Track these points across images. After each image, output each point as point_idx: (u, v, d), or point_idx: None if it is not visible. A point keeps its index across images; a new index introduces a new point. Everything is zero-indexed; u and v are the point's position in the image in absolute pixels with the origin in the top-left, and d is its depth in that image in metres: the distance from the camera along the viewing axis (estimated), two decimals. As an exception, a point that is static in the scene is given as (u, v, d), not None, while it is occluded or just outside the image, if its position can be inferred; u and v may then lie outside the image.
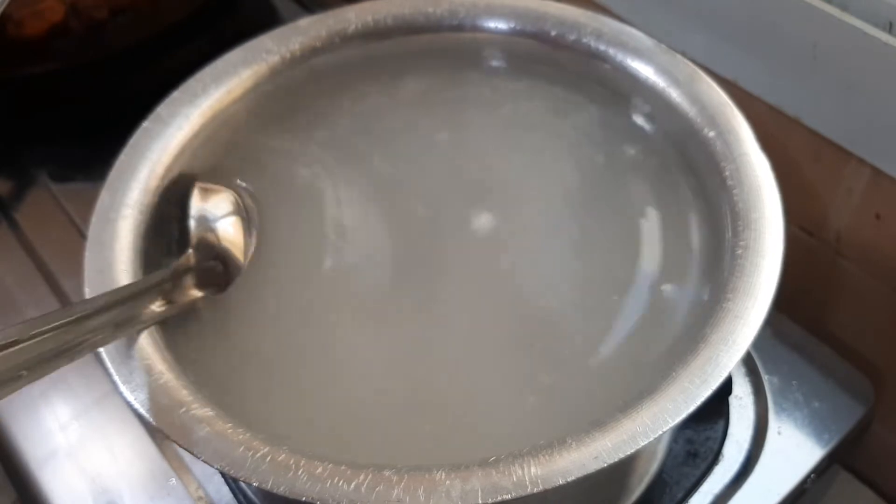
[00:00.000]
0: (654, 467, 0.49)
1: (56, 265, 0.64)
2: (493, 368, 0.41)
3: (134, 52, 0.69)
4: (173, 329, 0.40)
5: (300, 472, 0.33)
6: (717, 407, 0.51)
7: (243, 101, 0.49)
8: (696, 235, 0.44)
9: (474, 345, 0.42)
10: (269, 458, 0.34)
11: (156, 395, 0.36)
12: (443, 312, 0.43)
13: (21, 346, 0.32)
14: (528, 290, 0.43)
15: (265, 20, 0.78)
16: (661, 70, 0.47)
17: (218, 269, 0.42)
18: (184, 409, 0.35)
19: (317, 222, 0.47)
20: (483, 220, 0.46)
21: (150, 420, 0.35)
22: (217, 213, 0.44)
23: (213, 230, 0.43)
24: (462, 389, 0.40)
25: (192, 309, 0.41)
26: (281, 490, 0.33)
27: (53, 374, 0.56)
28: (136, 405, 0.36)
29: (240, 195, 0.45)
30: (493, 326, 0.42)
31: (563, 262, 0.44)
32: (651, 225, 0.45)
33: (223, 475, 0.51)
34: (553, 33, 0.50)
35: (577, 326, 0.42)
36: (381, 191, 0.48)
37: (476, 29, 0.51)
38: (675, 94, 0.46)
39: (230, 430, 0.35)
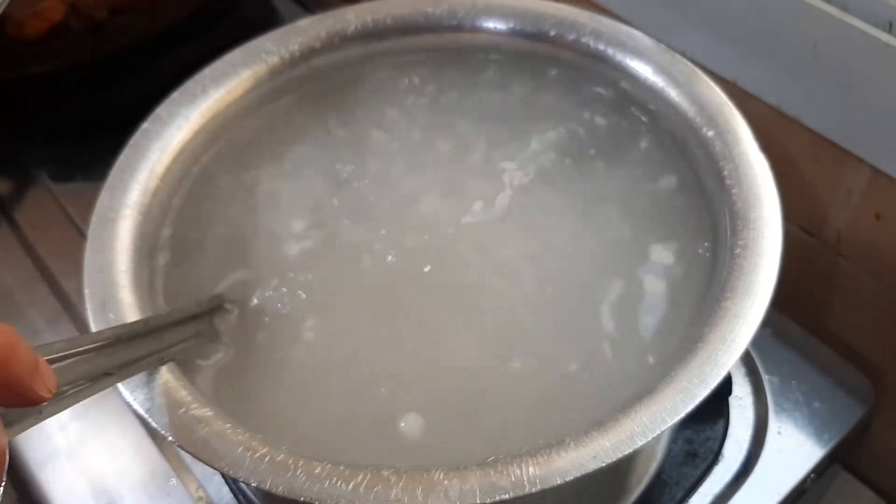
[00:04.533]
0: (653, 467, 0.49)
1: (56, 265, 0.64)
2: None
3: (134, 52, 0.69)
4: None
5: (299, 472, 0.33)
6: (717, 407, 0.51)
7: (243, 102, 0.49)
8: (695, 234, 0.44)
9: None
10: (267, 459, 0.34)
11: (156, 395, 0.36)
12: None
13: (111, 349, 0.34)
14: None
15: (265, 20, 0.78)
16: (661, 70, 0.47)
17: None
18: (183, 409, 0.36)
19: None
20: (480, 213, 0.46)
21: (150, 420, 0.35)
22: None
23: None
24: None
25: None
26: (280, 490, 0.33)
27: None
28: (136, 405, 0.36)
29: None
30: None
31: (561, 254, 0.45)
32: (649, 222, 0.45)
33: (223, 475, 0.51)
34: (552, 33, 0.50)
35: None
36: (378, 191, 0.48)
37: (475, 29, 0.51)
38: (674, 94, 0.46)
39: (230, 430, 0.35)
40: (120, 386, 0.36)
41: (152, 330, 0.37)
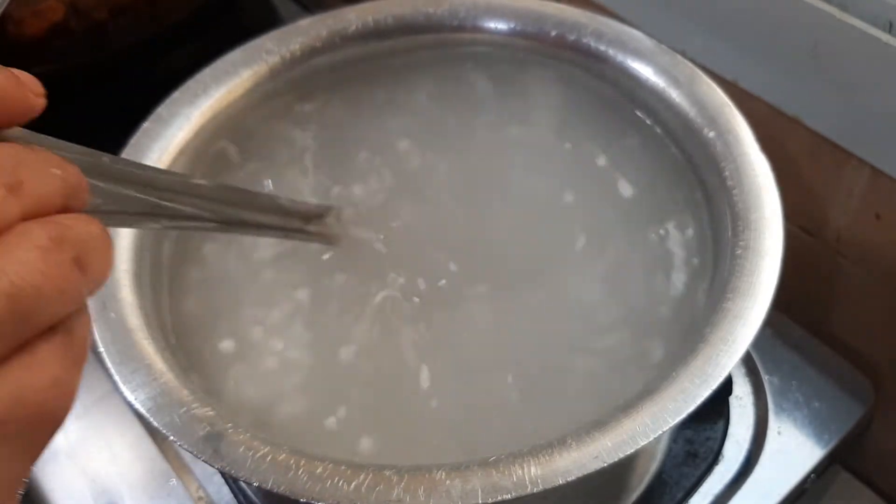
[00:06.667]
0: (654, 467, 0.49)
1: (56, 265, 0.64)
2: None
3: (134, 52, 0.69)
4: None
5: (300, 471, 0.33)
6: (717, 407, 0.51)
7: (243, 102, 0.49)
8: (695, 234, 0.44)
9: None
10: (269, 458, 0.34)
11: (156, 395, 0.36)
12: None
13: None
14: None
15: (265, 20, 0.78)
16: (662, 70, 0.47)
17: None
18: (184, 409, 0.36)
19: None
20: (481, 216, 0.46)
21: (150, 420, 0.35)
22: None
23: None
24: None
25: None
26: (281, 490, 0.33)
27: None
28: (137, 405, 0.36)
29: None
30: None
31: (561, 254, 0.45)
32: (650, 222, 0.45)
33: (223, 475, 0.51)
34: (553, 34, 0.50)
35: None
36: (377, 191, 0.48)
37: (476, 29, 0.51)
38: (675, 95, 0.46)
39: (230, 430, 0.35)
40: (120, 385, 0.36)
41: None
